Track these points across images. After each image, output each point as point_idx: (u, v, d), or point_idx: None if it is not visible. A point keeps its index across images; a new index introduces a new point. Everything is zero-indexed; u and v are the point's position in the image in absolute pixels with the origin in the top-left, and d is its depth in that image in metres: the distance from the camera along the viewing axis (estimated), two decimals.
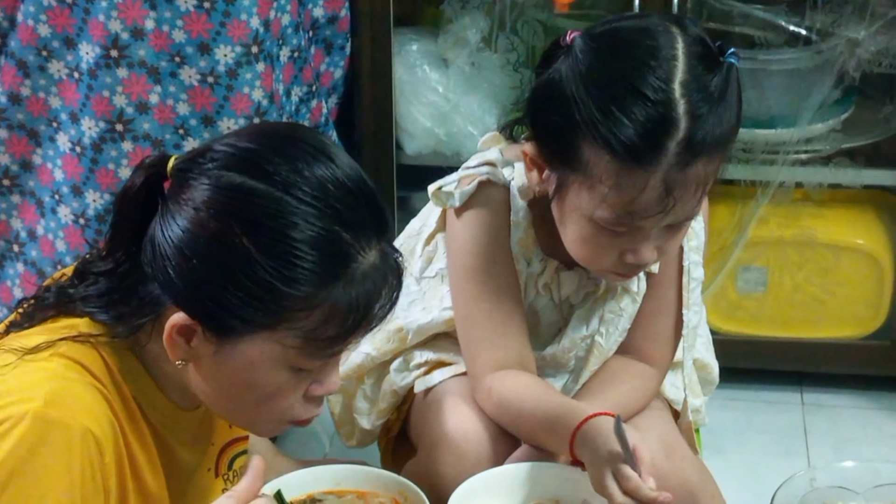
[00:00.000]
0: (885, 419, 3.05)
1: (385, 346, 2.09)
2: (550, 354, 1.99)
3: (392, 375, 2.08)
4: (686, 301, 1.99)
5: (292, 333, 1.42)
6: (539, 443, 1.85)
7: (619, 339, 2.00)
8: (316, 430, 2.97)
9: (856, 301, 3.06)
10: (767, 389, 3.16)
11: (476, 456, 1.87)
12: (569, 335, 1.97)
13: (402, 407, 2.10)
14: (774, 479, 1.66)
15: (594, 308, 1.97)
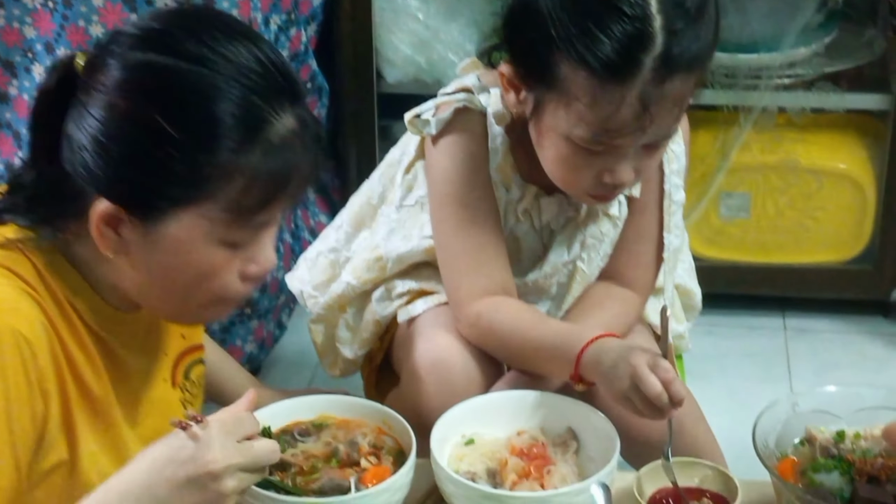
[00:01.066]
0: (867, 343, 3.07)
1: (365, 275, 2.08)
2: (532, 281, 1.99)
3: (374, 305, 2.08)
4: (667, 225, 1.98)
5: (216, 206, 1.41)
6: (535, 368, 1.85)
7: (601, 264, 2.00)
8: (299, 361, 2.98)
9: (838, 226, 3.07)
10: (750, 315, 3.17)
11: (460, 384, 1.87)
12: (550, 261, 1.97)
13: (385, 336, 2.10)
14: (757, 405, 1.66)
15: (575, 233, 1.97)
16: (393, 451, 1.64)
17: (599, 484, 1.50)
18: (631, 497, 1.62)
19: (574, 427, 1.70)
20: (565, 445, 1.69)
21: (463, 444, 1.70)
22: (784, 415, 1.65)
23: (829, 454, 1.60)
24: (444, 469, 1.59)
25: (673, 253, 2.01)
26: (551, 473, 1.63)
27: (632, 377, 1.65)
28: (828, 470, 1.57)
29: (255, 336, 2.87)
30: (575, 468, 1.65)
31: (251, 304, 2.82)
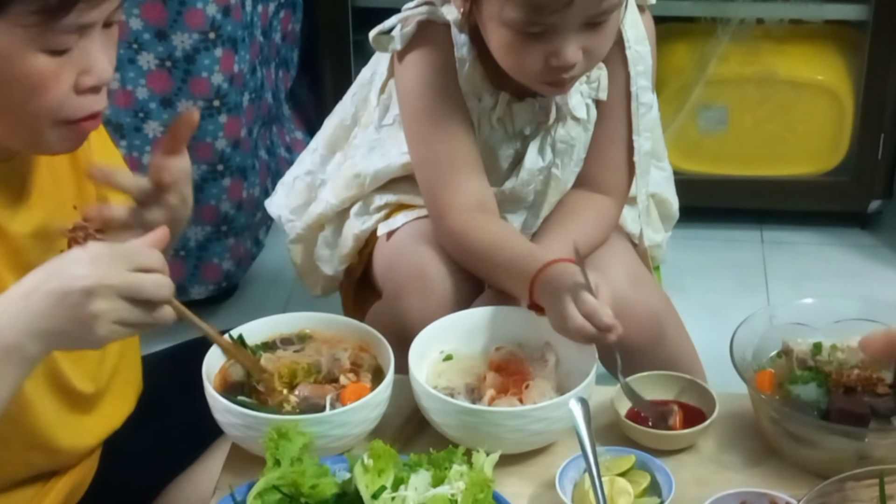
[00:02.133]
0: (844, 255, 3.08)
1: (344, 192, 2.08)
2: (509, 189, 1.99)
3: (352, 220, 2.08)
4: (636, 127, 1.98)
5: (25, 9, 1.34)
6: (500, 286, 1.86)
7: (576, 170, 2.00)
8: (277, 279, 2.98)
9: (816, 137, 3.07)
10: (728, 228, 3.17)
11: (440, 297, 1.87)
12: (526, 167, 1.97)
13: (364, 251, 2.10)
14: (735, 317, 1.66)
15: (546, 138, 1.97)
16: (371, 368, 1.64)
17: (578, 398, 1.50)
18: (609, 410, 1.63)
19: (552, 342, 1.70)
20: (543, 360, 1.69)
21: (441, 361, 1.70)
22: (761, 327, 1.65)
23: (806, 366, 1.61)
24: (423, 385, 1.59)
25: (644, 156, 2.01)
26: (530, 388, 1.63)
27: (560, 313, 1.66)
28: (804, 382, 1.58)
29: (232, 254, 2.86)
30: (553, 383, 1.66)
31: (228, 222, 2.81)
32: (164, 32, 2.56)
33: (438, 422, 1.59)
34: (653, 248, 2.15)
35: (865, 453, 1.49)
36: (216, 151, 2.72)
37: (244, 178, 2.80)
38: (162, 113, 2.64)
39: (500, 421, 1.56)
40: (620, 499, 1.47)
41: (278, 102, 3.07)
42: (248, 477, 1.47)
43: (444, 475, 1.42)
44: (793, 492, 1.45)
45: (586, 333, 1.63)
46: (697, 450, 1.61)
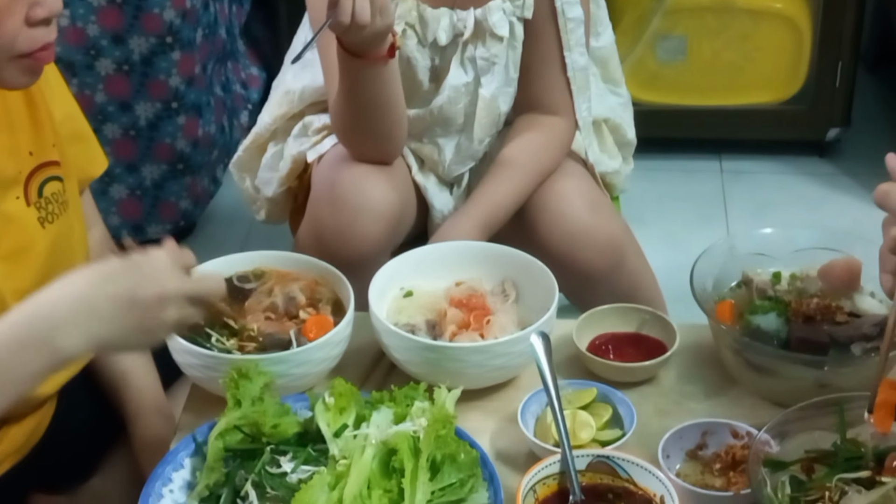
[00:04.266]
0: (803, 183, 3.09)
1: (276, 110, 2.10)
2: (437, 108, 1.99)
3: (291, 142, 2.09)
4: (566, 43, 1.98)
5: None
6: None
7: (507, 90, 2.00)
8: (234, 216, 2.96)
9: (774, 67, 3.06)
10: (687, 158, 3.17)
11: (352, 208, 1.89)
12: (449, 83, 1.97)
13: (304, 175, 2.10)
14: (695, 248, 1.66)
15: (465, 53, 1.96)
16: (331, 301, 1.63)
17: (538, 333, 1.50)
18: (571, 344, 1.63)
19: (513, 276, 1.70)
20: (504, 295, 1.68)
21: (402, 297, 1.69)
22: (721, 258, 1.65)
23: (766, 296, 1.61)
24: (383, 322, 1.58)
25: (580, 72, 2.01)
26: (491, 323, 1.63)
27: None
28: (764, 311, 1.58)
29: (190, 192, 2.83)
30: (514, 317, 1.65)
31: (184, 160, 2.78)
32: None
33: (400, 359, 1.59)
34: (610, 176, 2.15)
35: (825, 381, 1.49)
36: (170, 89, 2.69)
37: (199, 115, 2.77)
38: (113, 50, 2.60)
39: (462, 356, 1.55)
40: (582, 432, 1.47)
41: (232, 38, 3.03)
42: (209, 417, 1.46)
43: (406, 412, 1.41)
44: (753, 421, 1.45)
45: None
46: (658, 381, 1.61)
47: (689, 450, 1.46)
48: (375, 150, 1.94)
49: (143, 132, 2.72)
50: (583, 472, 1.37)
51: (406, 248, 1.91)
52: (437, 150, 2.04)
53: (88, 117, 2.59)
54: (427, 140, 2.04)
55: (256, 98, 3.09)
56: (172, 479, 1.41)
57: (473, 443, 1.40)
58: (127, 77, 2.64)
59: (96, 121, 2.67)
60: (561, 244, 1.93)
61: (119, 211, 2.80)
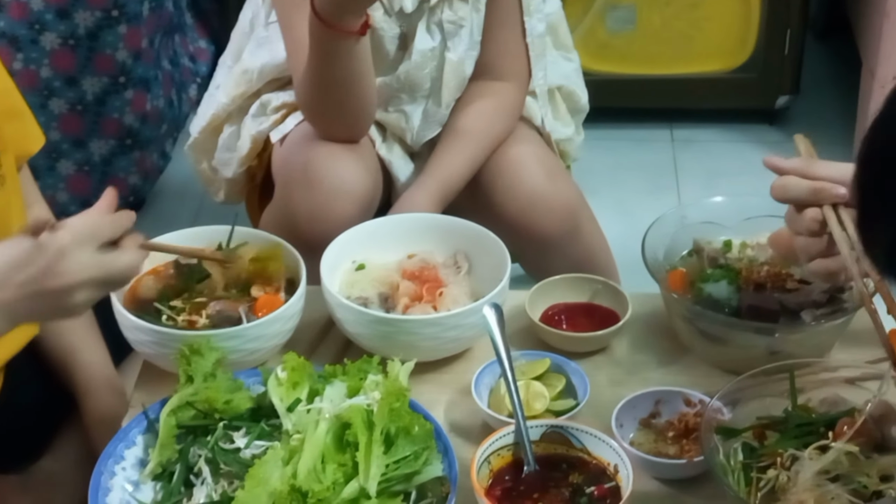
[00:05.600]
0: (753, 151, 3.10)
1: (234, 90, 2.07)
2: (404, 73, 1.98)
3: (249, 121, 2.07)
4: (526, 8, 1.99)
5: None
6: None
7: (472, 54, 2.00)
8: (185, 191, 2.94)
9: (724, 35, 3.07)
10: (638, 128, 3.18)
11: (326, 190, 1.88)
12: (416, 49, 1.96)
13: (263, 154, 2.08)
14: (647, 217, 1.66)
15: (431, 18, 1.96)
16: (284, 279, 1.63)
17: (491, 304, 1.50)
18: (524, 315, 1.63)
19: (465, 248, 1.70)
20: (456, 267, 1.68)
21: (354, 270, 1.68)
22: (672, 227, 1.66)
23: (717, 264, 1.62)
24: (335, 296, 1.58)
25: (538, 38, 2.02)
26: (443, 295, 1.63)
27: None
28: (715, 280, 1.58)
29: (139, 167, 2.81)
30: (467, 289, 1.65)
31: (132, 135, 2.76)
32: None
33: (353, 332, 1.58)
34: (564, 143, 2.16)
35: (776, 348, 1.50)
36: (117, 63, 2.66)
37: (147, 89, 2.74)
38: (58, 24, 2.57)
39: (415, 329, 1.55)
40: (536, 402, 1.47)
41: (180, 11, 3.00)
42: (161, 394, 1.45)
43: (360, 385, 1.41)
44: (706, 389, 1.46)
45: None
46: (611, 351, 1.62)
47: (642, 418, 1.46)
48: (345, 128, 1.92)
49: (89, 107, 2.69)
50: (537, 443, 1.38)
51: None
52: (405, 118, 2.02)
53: (34, 93, 2.60)
54: (393, 108, 2.02)
55: (205, 71, 3.07)
56: (125, 456, 1.40)
57: (427, 415, 1.40)
58: (72, 51, 2.61)
59: (41, 96, 2.64)
60: (517, 210, 1.93)
61: (67, 187, 2.77)
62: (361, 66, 1.83)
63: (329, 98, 1.87)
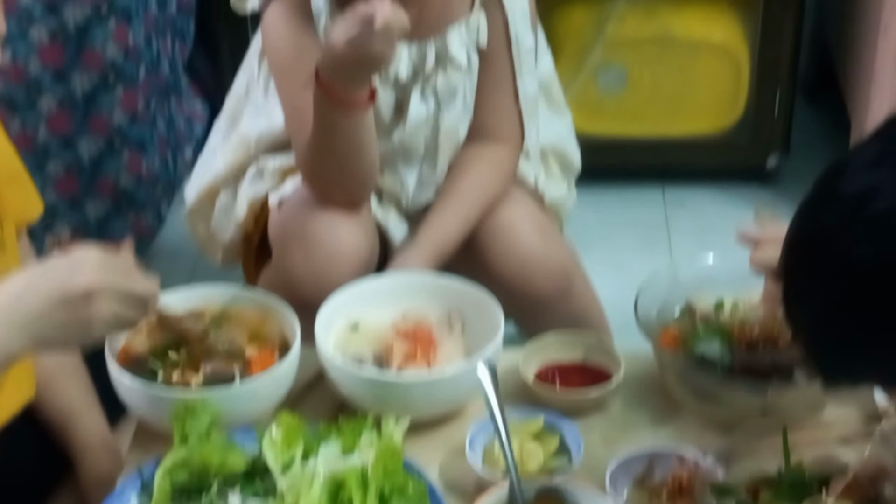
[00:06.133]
0: (744, 210, 3.11)
1: (231, 157, 2.09)
2: (399, 140, 2.00)
3: (246, 185, 2.08)
4: (518, 70, 2.00)
5: None
6: None
7: (466, 118, 2.02)
8: (179, 253, 2.94)
9: (714, 96, 3.09)
10: (630, 187, 3.19)
11: (325, 253, 1.89)
12: (411, 116, 1.98)
13: (261, 218, 2.09)
14: (639, 276, 1.68)
15: (426, 85, 1.98)
16: (278, 340, 1.63)
17: (485, 362, 1.51)
18: (517, 373, 1.63)
19: (458, 306, 1.70)
20: (450, 325, 1.69)
21: (348, 329, 1.69)
22: (665, 285, 1.67)
23: (709, 323, 1.63)
24: (330, 355, 1.58)
25: (531, 100, 2.03)
26: (438, 354, 1.63)
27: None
28: (708, 339, 1.59)
29: (134, 228, 2.82)
30: (461, 347, 1.66)
31: (128, 197, 2.77)
32: (56, 6, 2.51)
33: (347, 391, 1.59)
34: (557, 203, 2.17)
35: (769, 407, 1.51)
36: (113, 125, 2.68)
37: (143, 151, 2.76)
38: (56, 87, 2.59)
39: (409, 388, 1.55)
40: (530, 461, 1.48)
41: (175, 74, 3.02)
42: (155, 453, 1.45)
43: (354, 444, 1.41)
44: (700, 446, 1.46)
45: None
46: (605, 409, 1.62)
47: (636, 477, 1.46)
48: (346, 196, 1.93)
49: (85, 169, 2.71)
50: (531, 502, 1.38)
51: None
52: (400, 182, 2.03)
53: (30, 155, 2.61)
54: (388, 173, 2.03)
55: (200, 133, 3.09)
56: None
57: (422, 474, 1.40)
58: (69, 114, 2.63)
59: (38, 158, 2.65)
60: (512, 271, 1.95)
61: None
62: (365, 137, 1.85)
63: (332, 168, 1.88)
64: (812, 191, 1.05)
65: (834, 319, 1.03)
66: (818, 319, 1.04)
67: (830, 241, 1.01)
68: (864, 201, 0.99)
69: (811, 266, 1.03)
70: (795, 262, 1.05)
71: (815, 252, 1.02)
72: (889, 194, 0.98)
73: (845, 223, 1.00)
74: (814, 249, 1.03)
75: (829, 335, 1.05)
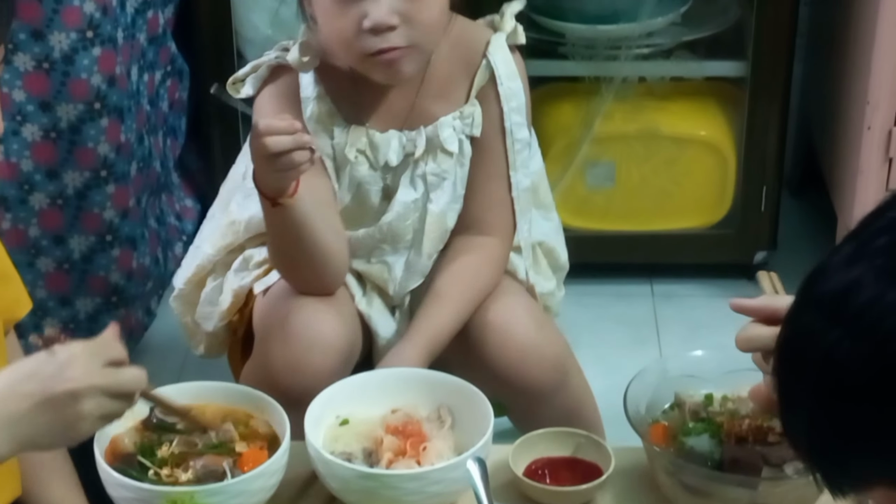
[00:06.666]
0: None
1: (220, 241, 2.10)
2: (387, 225, 2.01)
3: (232, 276, 2.09)
4: (513, 163, 2.02)
5: None
6: None
7: (455, 207, 2.03)
8: (169, 349, 2.94)
9: (701, 191, 3.12)
10: (619, 283, 3.21)
11: (304, 344, 1.90)
12: (399, 201, 2.00)
13: (245, 309, 2.10)
14: (628, 370, 1.68)
15: (416, 171, 2.00)
16: (267, 435, 1.63)
17: (475, 458, 1.51)
18: (507, 469, 1.63)
19: (448, 402, 1.71)
20: (440, 421, 1.69)
21: (338, 425, 1.69)
22: (654, 380, 1.67)
23: (699, 417, 1.63)
24: (319, 451, 1.58)
25: (523, 192, 2.04)
26: (427, 450, 1.63)
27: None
28: (698, 433, 1.60)
29: (124, 324, 2.81)
30: (451, 443, 1.66)
31: (118, 293, 2.77)
32: (49, 104, 2.54)
33: (337, 487, 1.58)
34: (546, 298, 2.18)
35: (759, 501, 1.51)
36: (104, 222, 2.69)
37: (134, 247, 2.77)
38: (47, 184, 2.60)
39: (399, 484, 1.55)
40: None
41: (167, 170, 3.05)
42: None
43: None
44: None
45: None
46: None
47: None
48: (315, 281, 1.96)
49: (76, 265, 2.72)
50: None
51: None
52: (387, 269, 2.05)
53: (22, 251, 2.62)
54: (376, 260, 2.05)
55: (191, 229, 3.10)
56: None
57: None
58: (61, 211, 2.65)
59: (29, 255, 2.66)
60: (509, 362, 1.95)
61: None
62: (301, 231, 1.88)
63: (288, 258, 1.93)
64: (795, 299, 1.05)
65: (823, 425, 1.01)
66: (810, 426, 1.03)
67: (813, 344, 1.00)
68: (843, 299, 0.98)
69: (796, 372, 1.02)
70: (782, 371, 1.05)
71: (799, 357, 1.02)
72: (869, 286, 0.97)
73: (826, 323, 0.99)
74: (797, 355, 1.02)
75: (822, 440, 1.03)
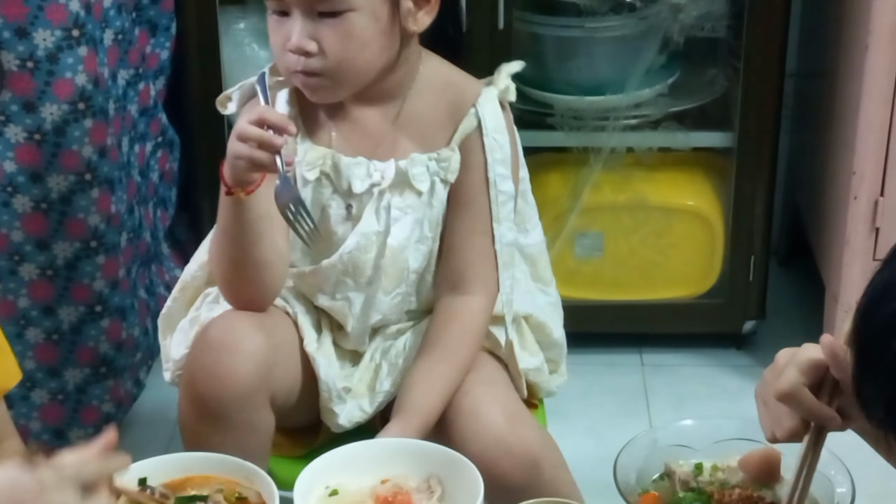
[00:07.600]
0: (722, 375, 3.13)
1: (204, 256, 2.11)
2: (347, 254, 1.99)
3: (204, 311, 2.07)
4: (496, 215, 2.01)
5: None
6: None
7: (420, 248, 2.01)
8: (158, 419, 2.94)
9: (689, 262, 3.13)
10: (607, 353, 3.21)
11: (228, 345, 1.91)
12: (361, 230, 1.99)
13: None
14: (618, 441, 1.68)
15: (381, 201, 1.99)
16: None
17: None
18: None
19: (438, 473, 1.70)
20: (430, 491, 1.69)
21: (327, 496, 1.68)
22: (644, 450, 1.67)
23: (689, 487, 1.63)
24: None
25: (507, 246, 2.04)
26: None
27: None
28: (688, 503, 1.59)
29: (112, 395, 2.81)
30: None
31: (107, 363, 2.77)
32: (40, 175, 2.55)
33: None
34: (533, 374, 2.14)
35: None
36: (94, 292, 2.69)
37: (123, 318, 2.77)
38: (37, 255, 2.61)
39: None
40: None
41: (157, 241, 3.05)
42: None
43: None
44: None
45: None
46: None
47: None
48: (246, 288, 1.97)
49: (66, 336, 2.71)
50: None
51: (306, 433, 1.99)
52: (348, 305, 2.04)
53: (11, 322, 2.62)
54: (340, 296, 2.04)
55: None
56: None
57: None
58: (50, 281, 2.65)
59: (18, 325, 2.66)
60: (477, 452, 1.87)
61: (40, 416, 2.76)
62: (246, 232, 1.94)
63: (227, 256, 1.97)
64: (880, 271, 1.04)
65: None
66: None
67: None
68: None
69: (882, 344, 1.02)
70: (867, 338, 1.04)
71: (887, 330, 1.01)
72: None
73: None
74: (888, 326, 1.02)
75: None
